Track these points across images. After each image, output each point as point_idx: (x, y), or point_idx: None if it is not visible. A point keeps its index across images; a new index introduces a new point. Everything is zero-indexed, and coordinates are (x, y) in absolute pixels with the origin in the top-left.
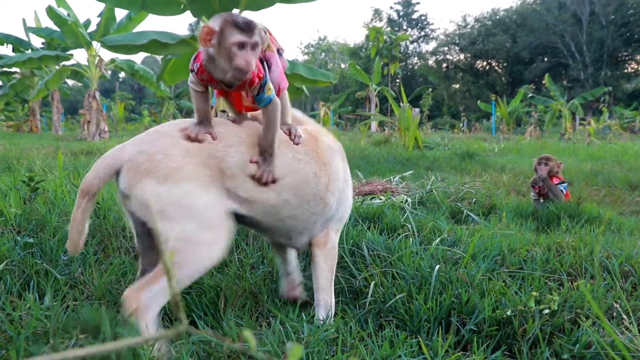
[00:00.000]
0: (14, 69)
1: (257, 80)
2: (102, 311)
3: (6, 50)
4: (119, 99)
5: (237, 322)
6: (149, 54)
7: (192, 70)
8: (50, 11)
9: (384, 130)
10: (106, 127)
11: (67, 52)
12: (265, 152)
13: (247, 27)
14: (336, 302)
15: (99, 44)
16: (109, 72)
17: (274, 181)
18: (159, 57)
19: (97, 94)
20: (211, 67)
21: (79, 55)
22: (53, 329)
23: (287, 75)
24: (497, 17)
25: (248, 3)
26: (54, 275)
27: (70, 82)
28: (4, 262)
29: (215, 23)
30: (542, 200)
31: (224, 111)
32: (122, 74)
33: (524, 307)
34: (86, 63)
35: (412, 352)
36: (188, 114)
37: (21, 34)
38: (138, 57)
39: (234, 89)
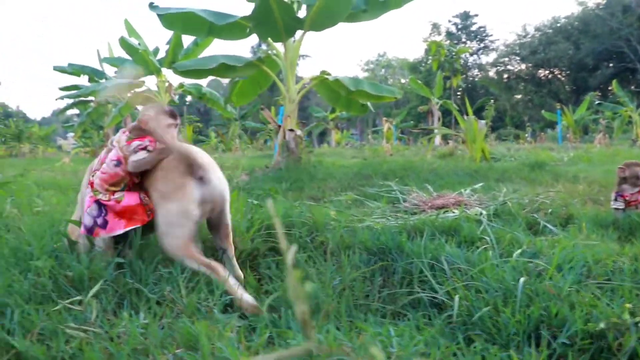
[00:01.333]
0: (89, 98)
1: None
2: (201, 326)
3: (82, 80)
4: (187, 122)
5: (332, 334)
6: (213, 78)
7: (144, 148)
8: (122, 42)
9: (448, 143)
10: None
11: (139, 80)
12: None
13: (175, 114)
14: (419, 316)
15: (169, 70)
16: (177, 96)
17: None
18: (223, 81)
19: None
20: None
21: (149, 82)
22: (152, 344)
23: (352, 92)
24: (558, 24)
25: (312, 24)
26: (145, 294)
27: (140, 107)
28: (100, 282)
29: (149, 111)
30: (625, 210)
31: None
32: (188, 98)
33: (618, 319)
34: (156, 89)
35: None
36: (253, 133)
37: (96, 65)
38: (203, 81)
39: None
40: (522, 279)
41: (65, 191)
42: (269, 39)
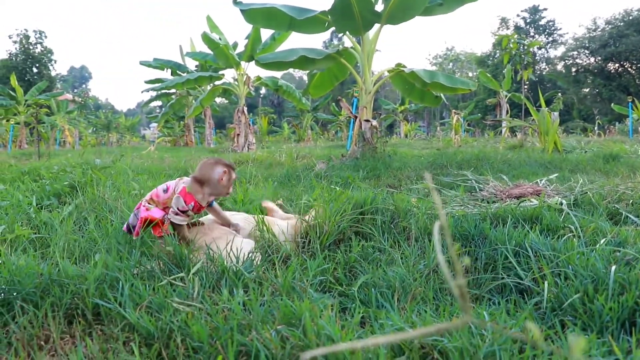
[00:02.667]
0: (172, 90)
1: None
2: (304, 304)
3: (165, 74)
4: (262, 113)
5: (428, 315)
6: (286, 71)
7: (185, 211)
8: (205, 37)
9: (515, 135)
10: (253, 140)
11: (219, 73)
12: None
13: (235, 168)
14: (505, 301)
15: (246, 64)
16: (254, 88)
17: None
18: (295, 74)
19: (245, 109)
20: (203, 201)
21: (228, 75)
22: (255, 320)
23: (427, 84)
24: (630, 17)
25: (389, 17)
26: (242, 274)
27: (217, 100)
28: (200, 261)
29: (225, 169)
30: None
31: None
32: (263, 90)
33: None
34: (234, 81)
35: (602, 352)
36: (324, 125)
37: (178, 59)
38: (277, 74)
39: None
40: (613, 267)
41: (157, 176)
42: (347, 32)
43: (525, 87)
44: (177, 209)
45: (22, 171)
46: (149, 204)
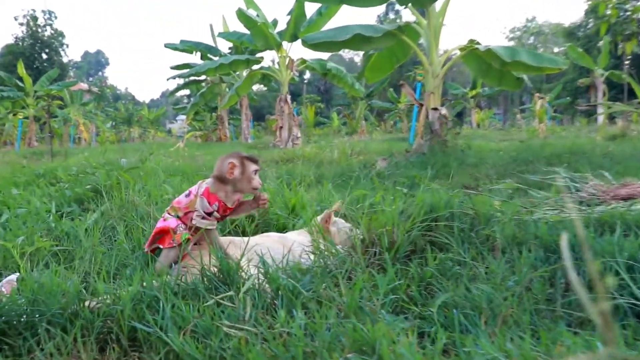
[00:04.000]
0: (202, 77)
1: None
2: (378, 329)
3: (194, 58)
4: (307, 102)
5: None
6: (337, 52)
7: (210, 213)
8: (240, 14)
9: (615, 122)
10: (298, 133)
11: (257, 55)
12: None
13: (257, 160)
14: (620, 327)
15: (289, 44)
16: (298, 73)
17: None
18: (345, 55)
19: (289, 98)
20: (227, 200)
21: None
22: (320, 347)
23: (507, 63)
24: None
25: None
26: (299, 292)
27: (255, 87)
28: (252, 278)
29: (235, 160)
30: None
31: None
32: (307, 75)
33: None
34: (275, 65)
35: None
36: (379, 114)
37: (209, 41)
38: (324, 55)
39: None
40: None
41: (192, 177)
42: (411, 3)
43: (627, 63)
44: (203, 211)
45: (36, 173)
46: (168, 213)
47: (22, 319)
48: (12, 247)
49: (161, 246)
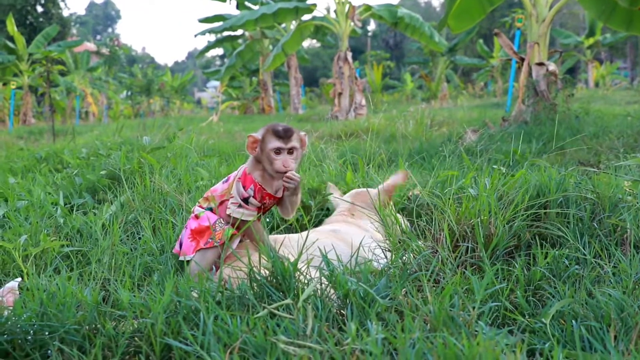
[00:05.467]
0: (238, 32)
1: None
2: (483, 345)
3: (228, 8)
4: (373, 60)
5: None
6: None
7: (246, 199)
8: None
9: None
10: (362, 100)
11: (308, 2)
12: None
13: (285, 134)
14: None
15: None
16: (360, 23)
17: None
18: (422, 0)
19: (349, 56)
20: (265, 184)
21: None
22: None
23: None
24: None
25: None
26: (372, 298)
27: (305, 43)
28: (314, 282)
29: (259, 133)
30: None
31: None
32: (371, 26)
33: None
34: (331, 14)
35: None
36: (465, 73)
37: None
38: (395, 0)
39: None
40: None
41: (232, 159)
42: None
43: None
44: (239, 197)
45: (37, 157)
46: (200, 207)
47: (30, 337)
48: (14, 249)
49: (189, 256)
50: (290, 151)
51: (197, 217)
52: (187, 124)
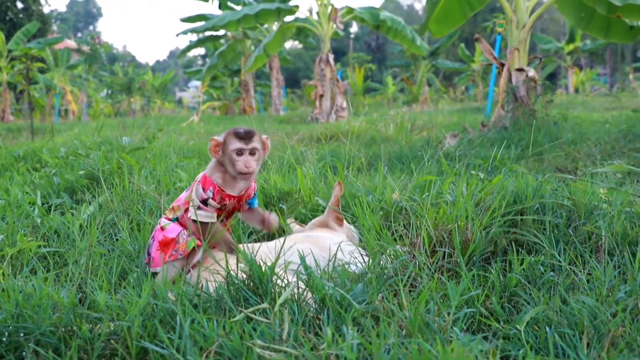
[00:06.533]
0: (220, 32)
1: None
2: (454, 348)
3: (210, 7)
4: (355, 62)
5: None
6: None
7: (205, 200)
8: None
9: None
10: (343, 102)
11: (290, 4)
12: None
13: (246, 135)
14: None
15: None
16: (342, 26)
17: None
18: (404, 1)
19: (331, 58)
20: (226, 186)
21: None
22: None
23: (617, 7)
24: None
25: None
26: (349, 303)
27: (288, 44)
28: (291, 287)
29: (221, 136)
30: None
31: None
32: (353, 28)
33: None
34: (313, 16)
35: None
36: (446, 77)
37: None
38: (377, 3)
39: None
40: None
41: (210, 160)
42: None
43: None
44: (198, 199)
45: (15, 155)
46: (167, 219)
47: (4, 339)
48: None
49: (159, 268)
50: (252, 152)
51: (162, 228)
52: (167, 124)
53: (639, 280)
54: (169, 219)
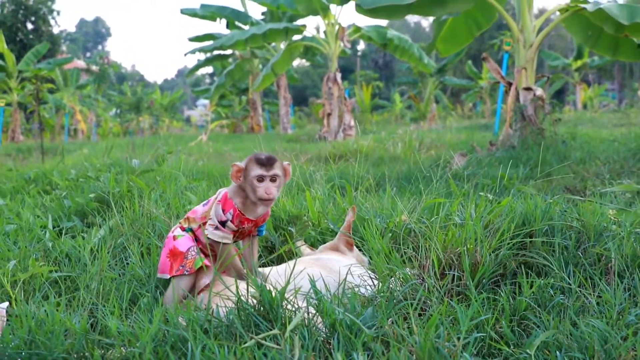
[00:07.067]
0: (228, 51)
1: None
2: None
3: (218, 27)
4: (362, 80)
5: None
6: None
7: (224, 222)
8: None
9: None
10: (351, 121)
11: (298, 23)
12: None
13: (267, 162)
14: None
15: (338, 8)
16: (350, 44)
17: None
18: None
19: (339, 76)
20: (246, 210)
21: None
22: None
23: (625, 27)
24: None
25: None
26: (359, 328)
27: (295, 63)
28: (302, 312)
29: (243, 162)
30: None
31: None
32: (361, 46)
33: None
34: (320, 35)
35: None
36: (454, 94)
37: (237, 4)
38: (384, 22)
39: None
40: None
41: (220, 183)
42: None
43: None
44: (217, 220)
45: (25, 178)
46: (181, 229)
47: None
48: (2, 275)
49: (167, 275)
50: (273, 179)
51: (175, 237)
52: (176, 143)
53: None
54: (184, 229)
